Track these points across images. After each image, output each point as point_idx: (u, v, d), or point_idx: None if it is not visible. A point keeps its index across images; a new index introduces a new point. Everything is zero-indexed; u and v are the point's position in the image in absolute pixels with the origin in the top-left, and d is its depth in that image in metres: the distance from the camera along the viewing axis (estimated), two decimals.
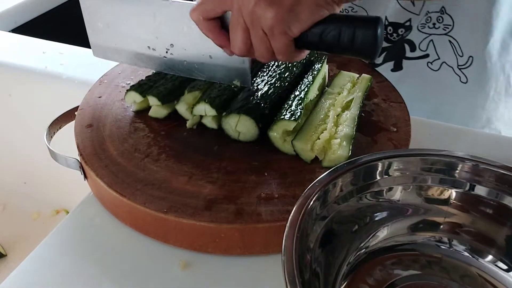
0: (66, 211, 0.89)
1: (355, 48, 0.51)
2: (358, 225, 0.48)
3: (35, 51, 0.93)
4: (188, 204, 0.53)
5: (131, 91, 0.65)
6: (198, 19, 0.54)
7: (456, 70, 0.80)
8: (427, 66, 0.81)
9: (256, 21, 0.50)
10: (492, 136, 0.71)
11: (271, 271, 0.51)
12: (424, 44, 0.79)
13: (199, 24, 0.55)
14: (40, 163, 0.82)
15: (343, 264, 0.46)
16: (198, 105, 0.62)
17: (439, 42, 0.79)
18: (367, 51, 0.51)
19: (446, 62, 0.80)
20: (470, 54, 0.78)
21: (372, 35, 0.49)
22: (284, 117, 0.59)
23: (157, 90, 0.65)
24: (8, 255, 0.81)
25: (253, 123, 0.60)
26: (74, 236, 0.56)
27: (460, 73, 0.80)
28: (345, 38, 0.50)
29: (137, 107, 0.67)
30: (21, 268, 0.52)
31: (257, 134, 0.61)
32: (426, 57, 0.80)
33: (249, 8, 0.50)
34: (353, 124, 0.60)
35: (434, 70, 0.81)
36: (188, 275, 0.51)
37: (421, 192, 0.49)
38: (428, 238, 0.49)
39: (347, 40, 0.50)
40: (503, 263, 0.47)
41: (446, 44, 0.78)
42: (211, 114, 0.62)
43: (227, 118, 0.61)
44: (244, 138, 0.61)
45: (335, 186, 0.46)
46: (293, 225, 0.41)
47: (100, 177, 0.56)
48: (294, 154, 0.59)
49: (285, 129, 0.59)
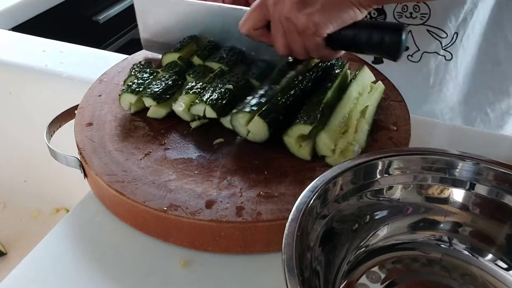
0: (66, 209, 0.88)
1: (383, 50, 0.60)
2: (358, 224, 0.48)
3: (35, 50, 0.93)
4: (188, 202, 0.53)
5: (124, 93, 0.65)
6: (249, 32, 0.65)
7: (441, 52, 0.81)
8: (408, 59, 0.82)
9: (291, 26, 0.60)
10: (492, 134, 0.71)
11: (271, 269, 0.51)
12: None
13: (250, 35, 0.65)
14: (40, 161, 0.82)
15: (343, 263, 0.46)
16: (197, 105, 0.62)
17: (417, 33, 0.79)
18: (392, 53, 0.60)
19: (427, 51, 0.81)
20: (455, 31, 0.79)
21: (398, 39, 0.58)
22: (300, 122, 0.58)
23: (151, 90, 0.65)
24: (8, 253, 0.81)
25: (266, 126, 0.59)
26: (74, 234, 0.56)
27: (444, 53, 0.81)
28: (374, 41, 0.59)
29: (134, 109, 0.67)
30: (22, 266, 0.52)
31: (267, 137, 0.60)
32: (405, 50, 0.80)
33: (283, 15, 0.60)
34: (366, 135, 0.61)
35: (415, 62, 0.82)
36: (188, 274, 0.51)
37: (421, 191, 0.49)
38: (428, 237, 0.49)
39: (375, 42, 0.59)
40: (503, 262, 0.47)
41: (424, 34, 0.79)
42: (211, 116, 0.62)
43: (238, 116, 0.60)
44: (253, 138, 0.61)
45: (336, 185, 0.46)
46: (293, 224, 0.41)
47: (100, 176, 0.56)
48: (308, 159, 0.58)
49: (300, 134, 0.58)
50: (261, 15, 0.63)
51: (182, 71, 0.69)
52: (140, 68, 0.70)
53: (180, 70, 0.69)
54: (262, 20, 0.63)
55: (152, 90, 0.65)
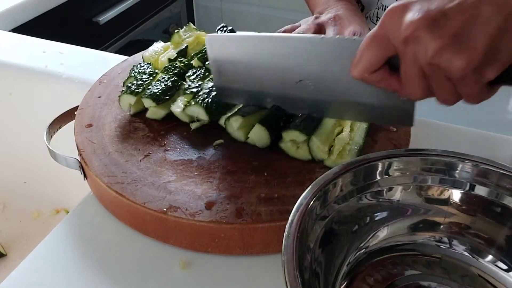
0: (66, 210, 0.88)
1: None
2: (358, 225, 0.48)
3: (35, 51, 0.93)
4: (188, 203, 0.53)
5: (124, 94, 0.65)
6: (363, 76, 0.47)
7: None
8: None
9: (439, 70, 0.42)
10: (492, 136, 0.71)
11: (271, 271, 0.51)
12: None
13: (365, 80, 0.48)
14: (40, 162, 0.82)
15: (343, 264, 0.46)
16: (192, 107, 0.62)
17: None
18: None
19: None
20: None
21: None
22: (296, 128, 0.58)
23: (150, 91, 0.65)
24: (8, 255, 0.81)
25: (267, 134, 0.59)
26: (74, 235, 0.56)
27: None
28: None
29: (134, 110, 0.67)
30: (21, 268, 0.52)
31: (268, 144, 0.60)
32: None
33: (427, 56, 0.42)
34: (364, 134, 0.61)
35: None
36: (188, 275, 0.51)
37: (421, 192, 0.49)
38: (428, 238, 0.49)
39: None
40: (503, 263, 0.47)
41: None
42: (203, 119, 0.62)
43: (231, 121, 0.60)
44: (252, 142, 0.61)
45: (335, 186, 0.46)
46: (293, 225, 0.41)
47: (100, 177, 0.56)
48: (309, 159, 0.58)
49: (294, 139, 0.58)
50: (380, 54, 0.45)
51: (182, 73, 0.69)
52: (140, 70, 0.71)
53: (179, 71, 0.69)
54: (382, 59, 0.46)
55: (152, 91, 0.65)
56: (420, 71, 0.44)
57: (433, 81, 0.44)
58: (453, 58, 0.40)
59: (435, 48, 0.41)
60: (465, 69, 0.41)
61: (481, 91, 0.43)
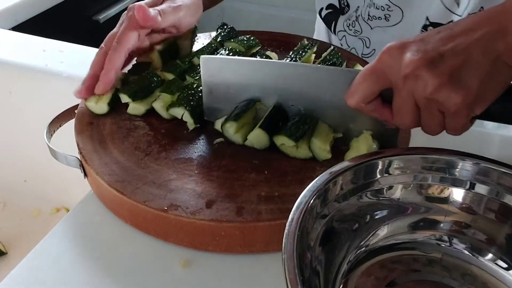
0: (67, 209, 0.88)
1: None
2: (359, 224, 0.48)
3: (35, 49, 0.93)
4: (188, 202, 0.53)
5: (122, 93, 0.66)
6: (359, 106, 0.52)
7: None
8: None
9: (433, 105, 0.47)
10: (492, 135, 0.71)
11: (271, 269, 0.51)
12: None
13: (360, 110, 0.52)
14: (40, 161, 0.82)
15: (343, 263, 0.46)
16: (176, 108, 0.63)
17: None
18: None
19: None
20: None
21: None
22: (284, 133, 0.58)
23: (128, 87, 0.65)
24: (8, 253, 0.81)
25: (267, 137, 0.59)
26: (74, 234, 0.56)
27: None
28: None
29: None
30: (22, 266, 0.52)
31: (267, 146, 0.60)
32: None
33: (426, 92, 0.46)
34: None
35: None
36: (188, 273, 0.51)
37: (421, 191, 0.49)
38: (429, 237, 0.49)
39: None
40: (503, 261, 0.47)
41: None
42: (188, 121, 0.63)
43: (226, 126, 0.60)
44: (251, 145, 0.61)
45: (336, 185, 0.46)
46: (293, 224, 0.41)
47: (100, 175, 0.56)
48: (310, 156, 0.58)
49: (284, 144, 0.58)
50: (376, 87, 0.50)
51: (182, 72, 0.70)
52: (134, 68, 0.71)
53: (180, 70, 0.70)
54: (377, 92, 0.50)
55: (130, 86, 0.66)
56: (414, 104, 0.48)
57: (425, 113, 0.49)
58: (450, 94, 0.45)
59: (435, 85, 0.45)
60: (460, 105, 0.45)
61: (467, 123, 0.49)
